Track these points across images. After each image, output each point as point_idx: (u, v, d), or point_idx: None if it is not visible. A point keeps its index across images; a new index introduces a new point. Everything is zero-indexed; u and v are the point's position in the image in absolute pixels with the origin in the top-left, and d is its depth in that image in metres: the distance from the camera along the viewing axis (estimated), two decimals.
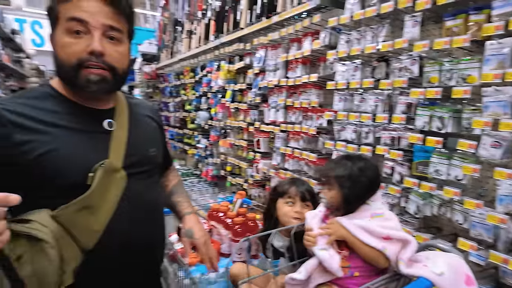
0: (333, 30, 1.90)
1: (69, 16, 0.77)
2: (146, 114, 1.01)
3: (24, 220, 0.71)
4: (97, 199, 0.79)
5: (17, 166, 0.75)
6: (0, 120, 0.75)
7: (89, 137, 0.83)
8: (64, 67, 0.79)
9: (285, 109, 2.37)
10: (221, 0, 3.04)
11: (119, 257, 0.84)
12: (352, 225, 0.93)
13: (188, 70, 3.99)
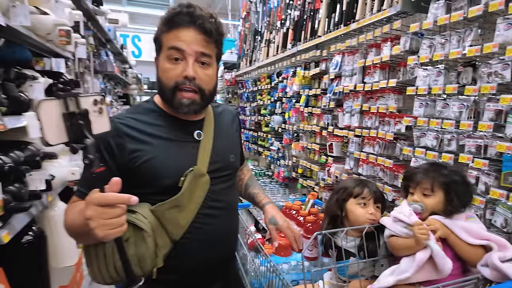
0: (414, 35, 1.88)
1: (170, 46, 0.93)
2: (229, 121, 1.16)
3: (131, 211, 0.89)
4: (185, 199, 0.94)
5: (127, 170, 0.93)
6: (118, 133, 0.93)
7: (182, 146, 1.00)
8: (164, 89, 0.96)
9: (361, 114, 2.39)
10: (300, 10, 3.18)
11: (200, 248, 0.99)
12: (454, 225, 0.95)
13: (265, 76, 4.22)
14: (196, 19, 0.92)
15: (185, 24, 0.92)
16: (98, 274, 0.88)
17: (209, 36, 0.95)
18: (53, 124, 0.65)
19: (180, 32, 0.92)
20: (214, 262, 1.04)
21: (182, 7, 0.92)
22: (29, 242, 1.78)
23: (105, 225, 0.69)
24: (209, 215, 1.00)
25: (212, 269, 1.04)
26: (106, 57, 4.32)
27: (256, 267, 1.63)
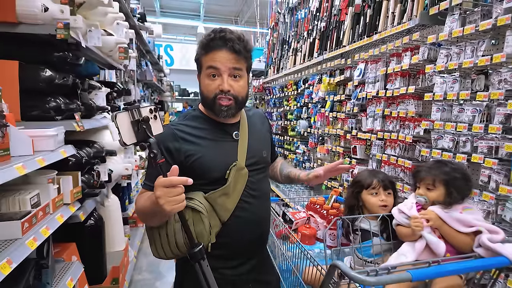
0: (432, 45, 2.04)
1: (208, 65, 1.13)
2: (259, 122, 1.35)
3: (189, 198, 1.11)
4: (231, 189, 1.15)
5: (184, 167, 1.13)
6: (175, 137, 1.14)
7: (224, 145, 1.20)
8: (206, 99, 1.17)
9: (383, 118, 2.55)
10: (326, 22, 3.39)
11: (242, 227, 1.19)
12: (447, 216, 1.10)
13: (292, 83, 4.45)
14: (227, 42, 1.09)
15: (219, 47, 1.09)
16: (160, 250, 1.11)
17: (239, 55, 1.11)
18: (125, 130, 0.90)
19: (215, 54, 1.10)
20: (253, 240, 1.25)
21: (216, 33, 1.12)
22: (91, 225, 2.10)
23: (170, 201, 0.90)
24: (248, 202, 1.21)
25: (251, 246, 1.25)
26: (146, 67, 4.73)
27: (284, 253, 1.85)
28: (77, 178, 1.56)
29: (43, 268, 1.38)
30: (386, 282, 0.92)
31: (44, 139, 1.32)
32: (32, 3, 1.42)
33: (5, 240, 1.10)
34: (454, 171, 1.15)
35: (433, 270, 0.97)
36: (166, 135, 1.12)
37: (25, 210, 1.20)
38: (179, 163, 1.11)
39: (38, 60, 1.55)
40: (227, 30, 1.13)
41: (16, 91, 1.43)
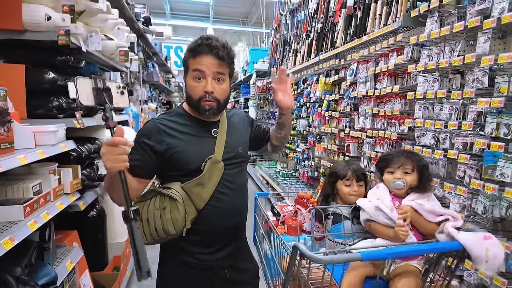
0: (416, 46, 2.11)
1: (194, 68, 1.24)
2: (238, 121, 1.45)
3: (167, 188, 1.23)
4: (206, 179, 1.24)
5: (163, 159, 1.25)
6: (158, 130, 1.20)
7: (203, 140, 1.29)
8: (191, 99, 1.27)
9: (373, 117, 2.63)
10: (322, 23, 3.48)
11: (217, 216, 1.28)
12: (421, 208, 1.19)
13: (292, 83, 4.55)
14: (213, 49, 1.19)
15: (205, 52, 1.19)
16: (143, 235, 1.19)
17: (222, 60, 1.22)
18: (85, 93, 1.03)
19: (202, 58, 1.20)
20: (229, 228, 1.34)
21: (203, 40, 1.24)
22: (94, 217, 2.27)
23: (111, 159, 0.98)
24: (224, 193, 1.30)
25: (226, 233, 1.34)
26: (152, 68, 4.92)
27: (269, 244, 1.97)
28: (77, 171, 1.72)
29: (45, 251, 1.54)
30: (338, 260, 1.02)
31: (46, 134, 1.48)
32: (37, 12, 1.58)
33: (9, 222, 1.25)
34: (424, 160, 1.28)
35: (382, 251, 1.07)
36: (150, 127, 1.23)
37: (27, 197, 1.36)
38: (160, 153, 1.22)
39: (43, 64, 1.71)
40: (213, 38, 1.25)
41: (22, 92, 1.60)
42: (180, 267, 1.29)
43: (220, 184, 1.28)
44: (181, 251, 1.28)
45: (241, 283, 1.39)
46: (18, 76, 1.59)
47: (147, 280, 1.25)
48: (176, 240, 1.24)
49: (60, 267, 1.54)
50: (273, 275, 1.96)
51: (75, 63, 1.82)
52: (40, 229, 1.49)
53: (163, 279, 1.32)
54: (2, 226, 1.23)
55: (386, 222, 1.22)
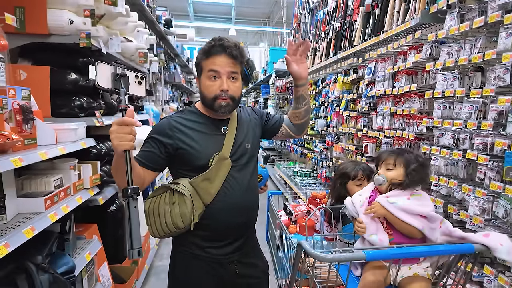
0: (435, 43, 2.04)
1: (209, 69, 1.27)
2: (247, 116, 1.46)
3: (176, 183, 1.28)
4: (213, 175, 1.27)
5: (174, 155, 1.29)
6: (170, 127, 1.25)
7: (212, 137, 1.33)
8: (206, 99, 1.30)
9: (391, 116, 2.56)
10: (341, 22, 3.44)
11: (224, 212, 1.30)
12: (391, 206, 1.14)
13: (311, 83, 4.51)
14: (226, 48, 1.23)
15: (218, 52, 1.24)
16: (155, 230, 1.27)
17: (235, 59, 1.26)
18: (104, 76, 1.09)
19: (215, 59, 1.24)
20: (236, 225, 1.36)
21: (216, 41, 1.27)
22: (113, 211, 2.36)
23: (118, 137, 1.01)
24: (231, 189, 1.32)
25: (234, 230, 1.36)
26: (174, 69, 5.05)
27: (280, 243, 1.97)
28: (96, 167, 1.81)
29: (65, 242, 1.63)
30: (340, 259, 1.02)
31: (66, 131, 1.57)
32: (60, 17, 1.68)
33: (31, 213, 1.35)
34: (414, 156, 1.21)
35: (387, 251, 1.05)
36: (164, 123, 1.29)
37: (49, 190, 1.45)
38: (171, 148, 1.27)
39: (66, 65, 1.82)
40: (225, 39, 1.28)
41: (47, 92, 1.70)
42: (190, 260, 1.33)
43: (227, 180, 1.30)
44: (192, 245, 1.31)
45: (250, 277, 1.41)
46: (43, 77, 1.70)
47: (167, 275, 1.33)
48: (187, 234, 1.28)
49: (79, 258, 1.63)
50: (284, 274, 1.97)
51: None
52: (62, 221, 1.58)
53: (174, 272, 1.37)
54: (25, 217, 1.33)
55: (356, 216, 1.23)
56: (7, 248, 1.07)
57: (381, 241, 1.17)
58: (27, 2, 1.64)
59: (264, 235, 2.34)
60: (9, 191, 1.28)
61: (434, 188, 2.02)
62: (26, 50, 1.81)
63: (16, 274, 1.24)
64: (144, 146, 1.27)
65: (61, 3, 1.68)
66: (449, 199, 1.96)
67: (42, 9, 1.65)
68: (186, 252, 1.33)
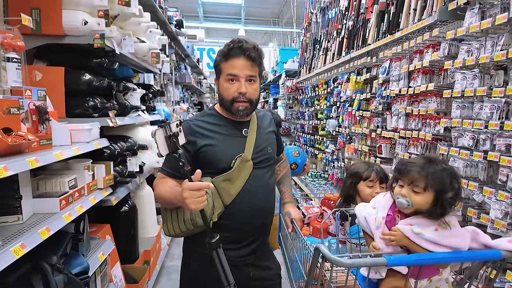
0: (453, 41, 1.98)
1: (228, 73, 1.27)
2: (267, 122, 1.47)
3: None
4: (235, 176, 1.28)
5: (197, 157, 1.30)
6: (192, 131, 1.29)
7: (233, 139, 1.33)
8: (224, 101, 1.31)
9: (406, 117, 2.50)
10: (353, 20, 3.38)
11: (243, 213, 1.30)
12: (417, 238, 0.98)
13: (322, 82, 4.46)
14: (244, 51, 1.23)
15: (237, 55, 1.24)
16: (171, 228, 1.27)
17: (254, 62, 1.26)
18: (161, 144, 1.06)
19: (234, 61, 1.24)
20: (254, 227, 1.36)
21: (235, 43, 1.27)
22: (126, 212, 2.37)
23: (195, 202, 1.06)
24: (251, 191, 1.32)
25: (252, 232, 1.36)
26: (184, 70, 5.06)
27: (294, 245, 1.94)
28: (109, 167, 1.81)
29: (79, 242, 1.64)
30: (360, 264, 0.98)
31: (80, 132, 1.57)
32: (75, 18, 1.68)
33: (46, 213, 1.35)
34: (451, 176, 0.97)
35: (410, 257, 1.01)
36: (185, 128, 1.27)
37: (64, 190, 1.46)
38: (194, 153, 1.28)
39: (80, 66, 1.83)
40: (243, 40, 1.27)
41: (62, 93, 1.71)
42: (205, 262, 1.30)
43: (248, 182, 1.30)
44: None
45: (264, 279, 1.41)
46: (58, 78, 1.71)
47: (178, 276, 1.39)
48: (203, 235, 1.25)
49: (92, 258, 1.63)
50: (298, 277, 1.93)
51: (109, 65, 1.92)
52: (75, 222, 1.59)
53: (190, 269, 1.36)
54: (40, 217, 1.33)
55: (367, 232, 1.12)
56: (23, 249, 1.07)
57: None
58: (42, 4, 1.65)
59: None
60: (25, 192, 1.29)
61: None
62: (41, 51, 1.82)
63: (32, 274, 1.24)
64: (168, 158, 1.27)
65: (76, 4, 1.69)
66: (467, 202, 1.90)
67: (57, 10, 1.66)
68: (202, 253, 1.32)
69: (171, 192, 1.18)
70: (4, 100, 1.16)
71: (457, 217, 1.10)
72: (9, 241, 1.09)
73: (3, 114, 1.14)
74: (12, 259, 1.02)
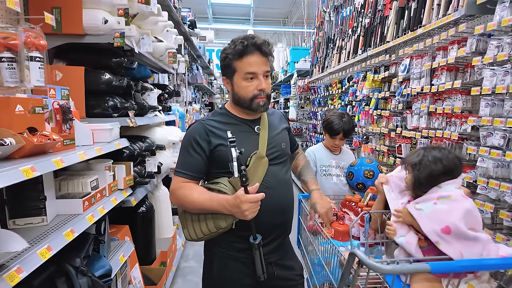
0: (481, 36, 1.91)
1: (246, 71, 1.21)
2: (277, 120, 1.44)
3: (215, 182, 1.25)
4: (251, 174, 1.23)
5: (212, 157, 1.27)
6: (205, 131, 1.25)
7: (247, 136, 1.30)
8: (242, 99, 1.28)
9: (429, 115, 2.43)
10: (370, 18, 3.32)
11: (264, 211, 1.23)
12: (418, 213, 1.07)
13: (336, 82, 4.40)
14: (259, 47, 1.22)
15: (252, 51, 1.22)
16: (193, 232, 1.24)
17: (267, 57, 1.26)
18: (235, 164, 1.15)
19: (249, 58, 1.22)
20: (275, 225, 1.33)
21: (248, 40, 1.23)
22: (143, 212, 2.35)
23: (253, 212, 1.14)
24: (270, 188, 1.28)
25: (272, 229, 1.33)
26: (196, 70, 5.05)
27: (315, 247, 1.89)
28: (129, 168, 1.79)
29: (101, 243, 1.61)
30: (402, 271, 0.93)
31: (102, 132, 1.55)
32: (95, 17, 1.67)
33: (70, 214, 1.33)
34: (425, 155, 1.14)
35: (455, 263, 0.96)
36: (198, 129, 1.27)
37: (86, 191, 1.43)
38: (209, 152, 1.26)
39: (99, 65, 1.81)
40: (255, 36, 1.26)
41: (82, 92, 1.69)
42: (228, 261, 1.30)
43: (265, 179, 1.28)
44: (230, 246, 1.29)
45: (287, 279, 1.38)
46: (79, 77, 1.69)
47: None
48: (224, 235, 1.25)
49: (113, 260, 1.61)
50: (320, 281, 1.88)
51: (128, 65, 1.90)
52: (96, 223, 1.56)
53: (212, 272, 1.33)
54: (64, 218, 1.31)
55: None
56: (49, 252, 1.05)
57: (409, 244, 1.10)
58: (63, 3, 1.63)
59: (294, 238, 2.26)
60: (49, 193, 1.27)
61: (481, 192, 1.89)
62: (60, 50, 1.81)
63: (56, 277, 1.22)
64: (186, 156, 1.27)
65: (96, 3, 1.67)
66: (498, 204, 1.83)
67: (77, 9, 1.65)
68: (223, 253, 1.30)
69: (215, 202, 1.19)
70: (29, 99, 1.14)
71: (482, 216, 1.10)
72: (35, 243, 1.07)
73: (28, 114, 1.12)
74: (39, 262, 0.99)
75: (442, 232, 1.02)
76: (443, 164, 1.12)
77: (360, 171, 2.33)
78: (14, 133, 1.03)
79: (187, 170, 1.26)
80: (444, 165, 1.12)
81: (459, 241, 1.02)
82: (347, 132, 2.21)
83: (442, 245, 1.02)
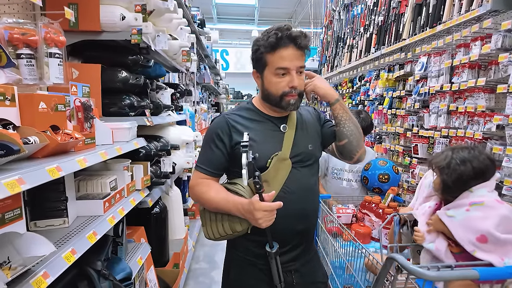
0: (507, 32, 1.85)
1: (277, 66, 1.12)
2: (309, 115, 1.33)
3: (233, 183, 1.19)
4: (271, 176, 1.16)
5: (232, 153, 1.20)
6: (228, 126, 1.18)
7: (271, 135, 1.22)
8: (271, 96, 1.19)
9: (448, 114, 2.37)
10: (384, 15, 3.26)
11: (283, 216, 1.16)
12: (449, 221, 1.03)
13: (346, 81, 4.34)
14: (294, 39, 1.11)
15: (285, 44, 1.11)
16: (210, 231, 1.19)
17: (303, 51, 1.15)
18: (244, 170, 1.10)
19: (282, 52, 1.12)
20: (292, 233, 1.24)
21: (282, 31, 1.11)
22: (157, 213, 2.30)
23: (268, 221, 1.08)
24: (291, 193, 1.18)
25: (292, 236, 1.25)
26: (204, 70, 5.01)
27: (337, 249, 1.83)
28: (146, 168, 1.74)
29: (119, 245, 1.57)
30: (450, 277, 0.88)
31: (121, 131, 1.50)
32: (113, 13, 1.62)
33: (90, 216, 1.28)
34: (453, 156, 1.10)
35: (505, 269, 0.90)
36: (221, 122, 1.21)
37: (105, 192, 1.39)
38: (230, 148, 1.19)
39: (115, 63, 1.76)
40: (291, 27, 1.15)
41: (99, 91, 1.65)
42: (246, 267, 1.24)
43: (287, 183, 1.19)
44: (248, 251, 1.23)
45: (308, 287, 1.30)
46: (95, 75, 1.64)
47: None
48: (242, 239, 1.19)
49: (131, 263, 1.56)
50: (342, 284, 1.83)
51: (144, 62, 1.85)
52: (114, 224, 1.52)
53: (229, 276, 1.28)
54: (84, 220, 1.26)
55: None
56: (74, 255, 1.00)
57: (438, 250, 1.07)
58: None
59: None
60: (70, 193, 1.22)
61: (507, 193, 1.83)
62: (74, 48, 1.77)
63: (78, 281, 1.17)
64: (207, 151, 1.21)
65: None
66: None
67: (95, 5, 1.60)
68: (241, 257, 1.25)
69: (231, 203, 1.13)
70: (52, 96, 1.10)
71: None
72: (59, 246, 1.02)
73: (51, 111, 1.08)
74: (65, 266, 0.95)
75: (478, 241, 0.98)
76: (472, 166, 1.06)
77: (375, 176, 2.25)
78: (37, 131, 0.98)
79: (207, 165, 1.21)
80: (474, 167, 1.06)
81: (498, 248, 0.98)
82: (365, 129, 2.13)
83: (479, 253, 0.98)
